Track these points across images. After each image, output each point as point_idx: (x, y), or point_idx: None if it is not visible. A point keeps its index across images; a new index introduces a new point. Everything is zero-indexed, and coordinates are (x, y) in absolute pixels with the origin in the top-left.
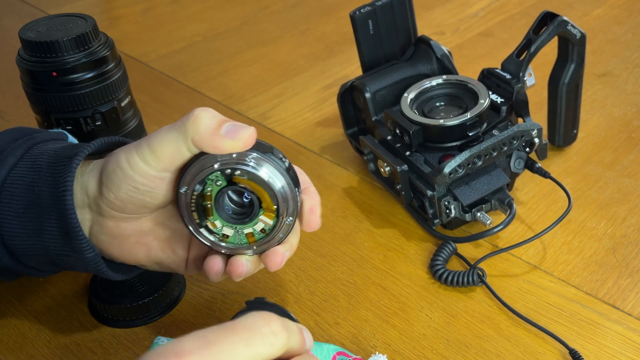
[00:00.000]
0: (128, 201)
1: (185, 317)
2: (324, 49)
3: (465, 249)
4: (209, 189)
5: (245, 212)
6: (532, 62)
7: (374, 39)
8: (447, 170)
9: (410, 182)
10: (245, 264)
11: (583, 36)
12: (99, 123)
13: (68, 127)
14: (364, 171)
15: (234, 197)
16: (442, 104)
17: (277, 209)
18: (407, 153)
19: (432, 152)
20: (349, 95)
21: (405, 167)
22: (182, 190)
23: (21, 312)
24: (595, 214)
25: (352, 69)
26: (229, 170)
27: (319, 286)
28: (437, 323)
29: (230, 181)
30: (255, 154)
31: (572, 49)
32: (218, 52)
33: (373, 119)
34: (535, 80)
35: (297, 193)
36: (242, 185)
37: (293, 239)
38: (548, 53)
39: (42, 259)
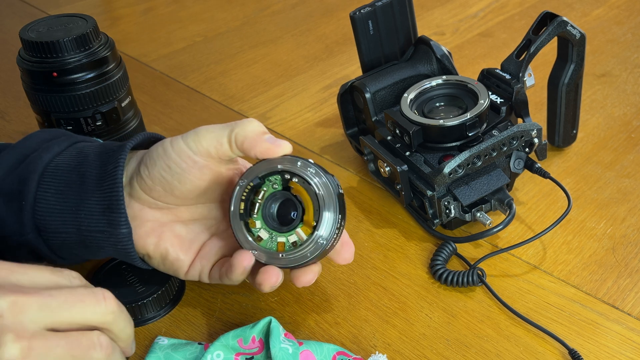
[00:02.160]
0: (158, 181)
1: (185, 317)
2: (324, 49)
3: (465, 249)
4: (264, 188)
5: (286, 223)
6: (532, 62)
7: (374, 39)
8: (446, 170)
9: (410, 182)
10: (279, 273)
11: (583, 36)
12: (100, 123)
13: (68, 127)
14: (364, 171)
15: (281, 208)
16: (442, 104)
17: (315, 226)
18: (407, 153)
19: (432, 152)
20: (349, 96)
21: (405, 167)
22: (241, 182)
23: None
24: (595, 214)
25: (352, 69)
26: (289, 176)
27: (319, 286)
28: (437, 323)
29: (286, 187)
30: (317, 170)
31: (571, 49)
32: (218, 52)
33: (373, 119)
34: (534, 80)
35: (339, 220)
36: (294, 193)
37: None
38: (548, 53)
39: (69, 238)
